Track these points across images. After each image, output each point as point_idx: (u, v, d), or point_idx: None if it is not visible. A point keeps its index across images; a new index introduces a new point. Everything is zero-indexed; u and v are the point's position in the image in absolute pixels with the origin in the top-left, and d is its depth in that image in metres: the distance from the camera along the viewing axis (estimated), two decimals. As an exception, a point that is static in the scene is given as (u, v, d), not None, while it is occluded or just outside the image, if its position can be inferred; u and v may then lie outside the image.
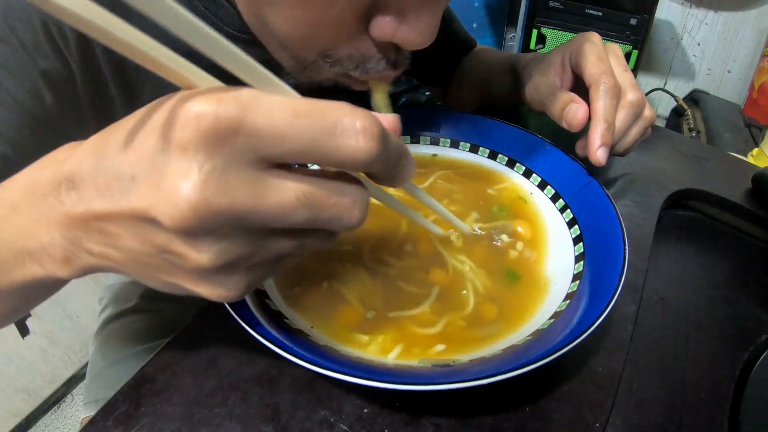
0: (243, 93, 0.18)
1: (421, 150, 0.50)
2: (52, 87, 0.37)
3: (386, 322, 0.34)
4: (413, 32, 0.31)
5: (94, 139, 0.21)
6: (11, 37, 0.34)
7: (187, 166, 0.17)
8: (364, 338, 0.33)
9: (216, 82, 0.20)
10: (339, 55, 0.33)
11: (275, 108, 0.18)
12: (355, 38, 0.32)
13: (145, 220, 0.19)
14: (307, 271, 0.37)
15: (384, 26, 0.31)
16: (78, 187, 0.21)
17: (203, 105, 0.17)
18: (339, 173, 0.21)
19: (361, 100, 0.34)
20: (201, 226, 0.18)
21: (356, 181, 0.21)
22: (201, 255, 0.19)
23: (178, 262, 0.20)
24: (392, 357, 0.32)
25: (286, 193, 0.19)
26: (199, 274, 0.20)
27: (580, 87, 0.42)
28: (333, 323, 0.34)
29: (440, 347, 0.32)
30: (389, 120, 0.23)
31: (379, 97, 0.38)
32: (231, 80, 0.19)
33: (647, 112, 0.42)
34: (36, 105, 0.36)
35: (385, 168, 0.21)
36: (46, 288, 0.31)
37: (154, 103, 0.20)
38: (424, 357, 0.32)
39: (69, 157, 0.22)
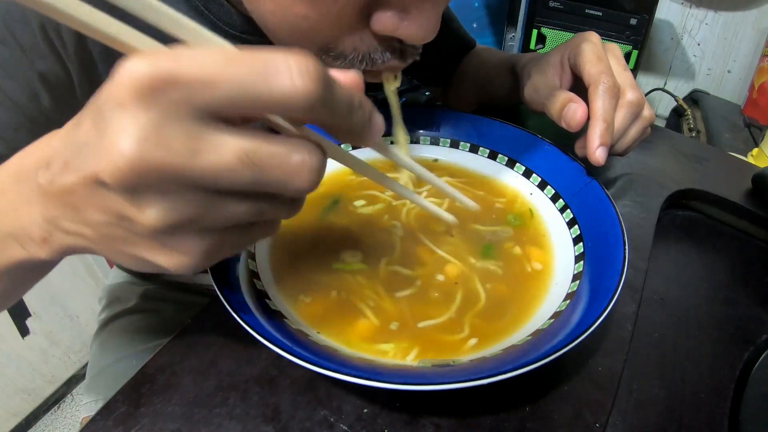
0: (178, 49, 0.18)
1: (422, 152, 0.50)
2: (50, 88, 0.37)
3: (412, 331, 0.34)
4: (415, 27, 0.31)
5: (70, 122, 0.22)
6: (10, 39, 0.35)
7: (124, 121, 0.17)
8: (387, 347, 0.32)
9: (163, 48, 0.20)
10: (342, 49, 0.33)
11: (208, 57, 0.18)
12: (357, 32, 0.32)
13: (98, 183, 0.19)
14: (317, 283, 0.37)
15: (386, 21, 0.31)
16: (51, 166, 0.21)
17: (137, 61, 0.17)
18: (295, 136, 0.21)
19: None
20: (139, 182, 0.18)
21: (310, 143, 0.20)
22: (146, 214, 0.19)
23: (131, 228, 0.20)
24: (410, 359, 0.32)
25: (225, 151, 0.18)
26: (150, 237, 0.20)
27: (579, 87, 0.42)
28: (348, 335, 0.33)
29: (473, 341, 0.33)
30: (349, 76, 0.22)
31: (390, 90, 0.37)
32: None
33: (646, 112, 0.42)
34: (33, 106, 0.37)
35: (333, 116, 0.20)
36: (30, 270, 0.31)
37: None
38: (455, 356, 0.32)
39: (49, 142, 0.23)
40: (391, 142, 0.44)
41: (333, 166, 0.45)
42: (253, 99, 0.18)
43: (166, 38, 0.20)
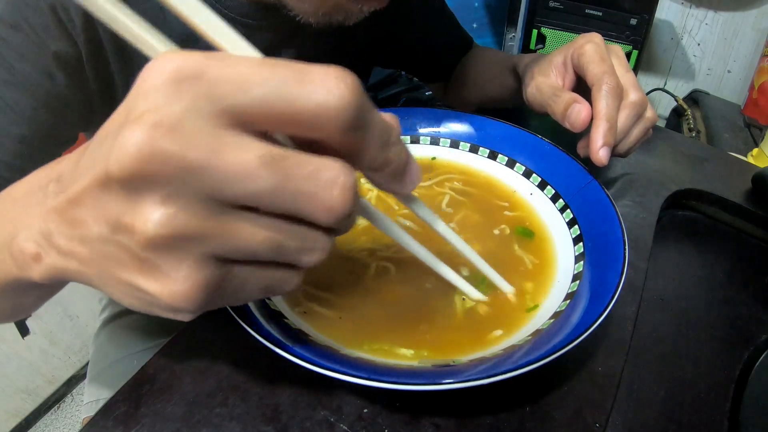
0: (211, 52, 0.17)
1: (421, 151, 0.50)
2: (64, 68, 0.39)
3: (416, 332, 0.34)
4: None
5: (85, 143, 0.20)
6: (23, 23, 0.36)
7: (144, 106, 0.16)
8: (408, 352, 0.32)
9: None
10: None
11: (241, 60, 0.16)
12: None
13: (102, 185, 0.17)
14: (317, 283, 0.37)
15: None
16: (61, 179, 0.20)
17: (167, 56, 0.16)
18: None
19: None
20: (145, 174, 0.16)
21: (342, 161, 0.18)
22: (146, 219, 0.16)
23: (126, 241, 0.17)
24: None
25: (247, 151, 0.16)
26: (145, 252, 0.17)
27: (581, 88, 0.42)
28: (350, 335, 0.33)
29: (498, 332, 0.33)
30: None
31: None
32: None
33: (649, 113, 0.42)
34: (50, 85, 0.39)
35: (366, 144, 0.18)
36: (25, 291, 0.29)
37: None
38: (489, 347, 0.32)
39: (65, 158, 0.22)
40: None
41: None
42: (285, 107, 0.16)
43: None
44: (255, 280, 0.20)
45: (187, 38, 0.28)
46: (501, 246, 0.40)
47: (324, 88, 0.16)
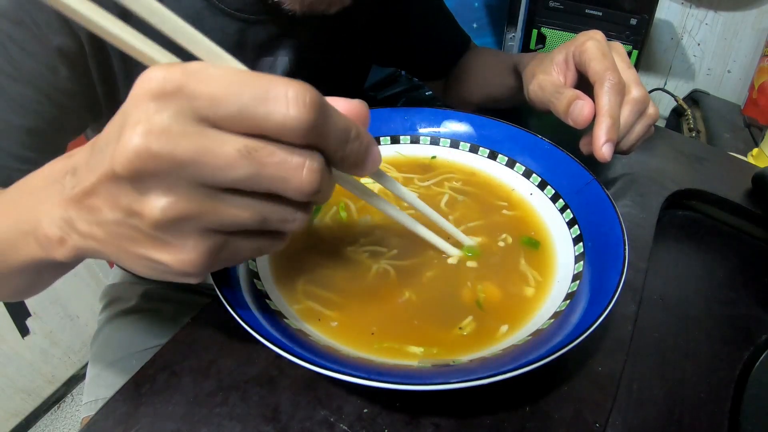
0: (191, 63, 0.20)
1: (421, 151, 0.50)
2: (67, 62, 0.40)
3: (418, 331, 0.34)
4: None
5: (93, 138, 0.23)
6: (26, 18, 0.37)
7: (137, 117, 0.19)
8: (417, 350, 0.32)
9: (177, 60, 0.22)
10: None
11: (215, 75, 0.19)
12: None
13: (113, 179, 0.20)
14: (317, 282, 0.37)
15: None
16: (76, 172, 0.23)
17: (154, 70, 0.19)
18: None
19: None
20: (146, 170, 0.19)
21: (311, 149, 0.21)
22: (152, 206, 0.20)
23: (138, 224, 0.21)
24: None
25: (227, 146, 0.20)
26: (154, 231, 0.21)
27: (583, 86, 0.42)
28: (352, 335, 0.33)
29: (504, 328, 0.34)
30: (352, 105, 0.24)
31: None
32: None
33: (651, 110, 0.42)
34: (54, 79, 0.40)
35: (327, 144, 0.21)
36: (47, 269, 0.32)
37: None
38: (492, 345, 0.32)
39: (78, 151, 0.25)
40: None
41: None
42: (252, 121, 0.20)
43: (183, 55, 0.22)
44: (248, 245, 0.24)
45: None
46: (506, 258, 0.40)
47: (283, 107, 0.19)
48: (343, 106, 0.23)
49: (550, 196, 0.44)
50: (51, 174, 0.26)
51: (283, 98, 0.19)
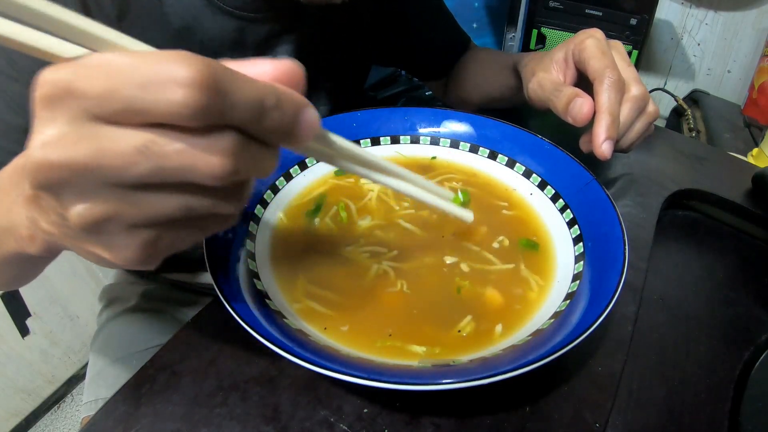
0: (85, 57, 0.19)
1: (421, 151, 0.50)
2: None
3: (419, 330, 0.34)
4: None
5: None
6: None
7: (35, 128, 0.19)
8: (420, 349, 0.32)
9: (84, 53, 0.20)
10: None
11: (102, 68, 0.18)
12: None
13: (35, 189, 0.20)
14: (317, 282, 0.37)
15: None
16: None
17: (45, 72, 0.18)
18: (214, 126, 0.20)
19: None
20: (52, 182, 0.19)
21: (221, 128, 0.19)
22: (71, 213, 0.20)
23: (68, 225, 0.21)
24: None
25: (124, 144, 0.18)
26: (84, 233, 0.21)
27: (582, 84, 0.42)
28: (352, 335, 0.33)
29: (499, 328, 0.33)
30: (276, 67, 0.21)
31: None
32: None
33: (651, 107, 0.42)
34: None
35: (235, 119, 0.19)
36: (28, 261, 0.34)
37: None
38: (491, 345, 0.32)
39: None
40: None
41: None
42: (141, 112, 0.18)
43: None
44: (187, 231, 0.23)
45: (184, 31, 0.31)
46: (505, 261, 0.40)
47: (168, 92, 0.18)
48: (265, 70, 0.21)
49: (550, 196, 0.44)
50: (16, 172, 0.27)
51: (169, 82, 0.18)
